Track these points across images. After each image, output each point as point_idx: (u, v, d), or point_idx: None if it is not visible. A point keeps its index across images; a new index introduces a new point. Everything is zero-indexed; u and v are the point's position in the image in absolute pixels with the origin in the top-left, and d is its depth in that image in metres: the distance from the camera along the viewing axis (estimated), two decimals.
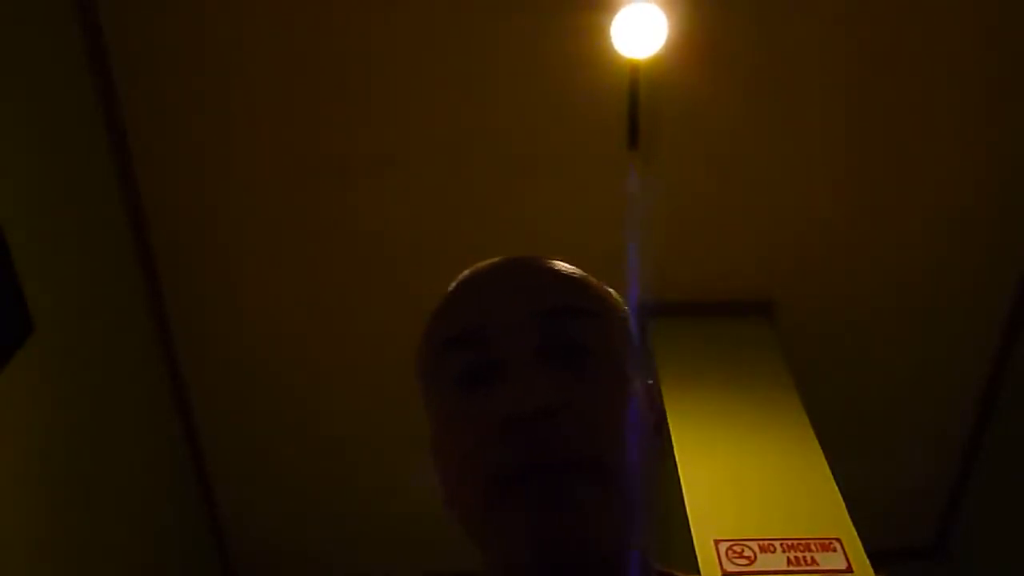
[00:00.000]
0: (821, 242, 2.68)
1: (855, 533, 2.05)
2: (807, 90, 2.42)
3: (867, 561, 1.98)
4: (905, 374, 2.93)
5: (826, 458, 2.26)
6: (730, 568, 1.98)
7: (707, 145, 2.48)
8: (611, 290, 0.75)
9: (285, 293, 2.70)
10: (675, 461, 2.26)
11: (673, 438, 2.31)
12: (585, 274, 0.73)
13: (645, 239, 2.38)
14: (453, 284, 0.73)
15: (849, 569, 1.97)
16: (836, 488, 2.17)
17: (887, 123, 2.48)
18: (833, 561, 1.99)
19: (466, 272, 0.73)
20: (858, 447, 2.80)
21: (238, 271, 2.66)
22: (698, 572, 1.94)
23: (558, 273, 0.71)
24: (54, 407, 2.17)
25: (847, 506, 2.12)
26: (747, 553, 2.01)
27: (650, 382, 0.75)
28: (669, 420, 2.36)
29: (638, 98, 2.29)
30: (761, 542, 2.04)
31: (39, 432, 2.10)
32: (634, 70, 2.26)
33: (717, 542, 2.03)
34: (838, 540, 2.04)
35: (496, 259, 0.72)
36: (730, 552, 2.01)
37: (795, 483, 2.22)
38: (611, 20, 2.16)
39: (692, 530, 2.06)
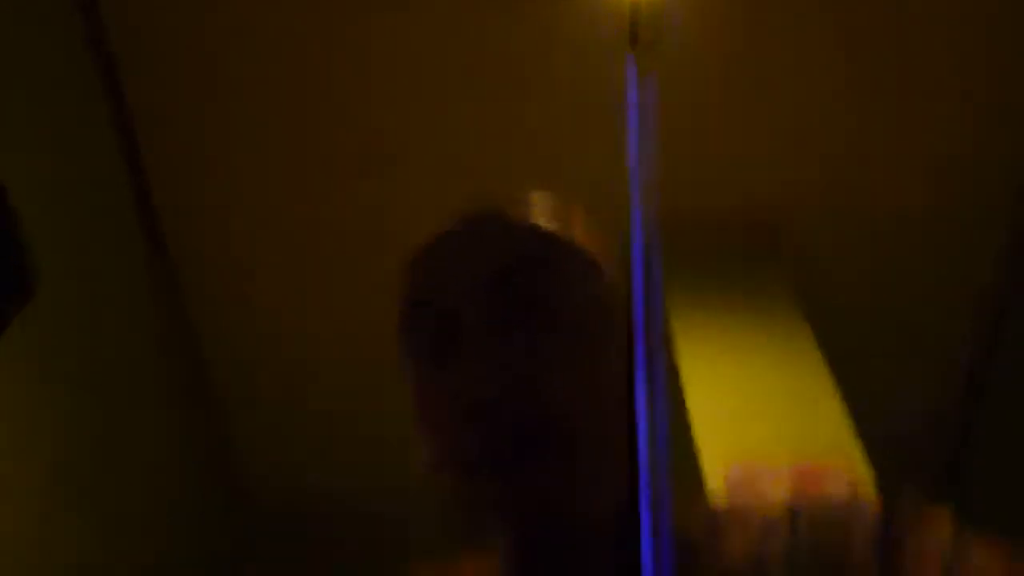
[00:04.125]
0: (828, 162, 2.65)
1: (862, 457, 2.05)
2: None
3: (872, 484, 1.98)
4: (912, 296, 2.91)
5: (833, 380, 2.25)
6: (736, 490, 1.98)
7: (711, 57, 2.42)
8: (572, 231, 0.73)
9: (287, 225, 2.69)
10: (681, 384, 2.26)
11: (680, 361, 2.30)
12: (546, 221, 0.72)
13: (649, 154, 2.34)
14: (414, 251, 0.72)
15: (854, 492, 1.97)
16: (844, 412, 2.17)
17: (893, 42, 2.44)
18: (838, 484, 1.99)
19: (426, 237, 0.72)
20: (865, 370, 2.80)
21: (241, 207, 2.67)
22: (703, 496, 1.94)
23: (514, 226, 0.70)
24: (56, 369, 2.17)
25: (855, 431, 2.11)
26: (754, 475, 2.01)
27: (621, 321, 0.73)
28: (675, 342, 2.35)
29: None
30: (768, 465, 2.04)
31: (42, 395, 2.11)
32: None
33: (724, 465, 2.04)
34: (844, 464, 2.04)
35: (454, 220, 0.71)
36: (736, 475, 2.01)
37: (803, 408, 2.22)
38: None
39: (699, 453, 2.07)
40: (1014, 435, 3.07)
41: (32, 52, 2.04)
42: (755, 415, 2.20)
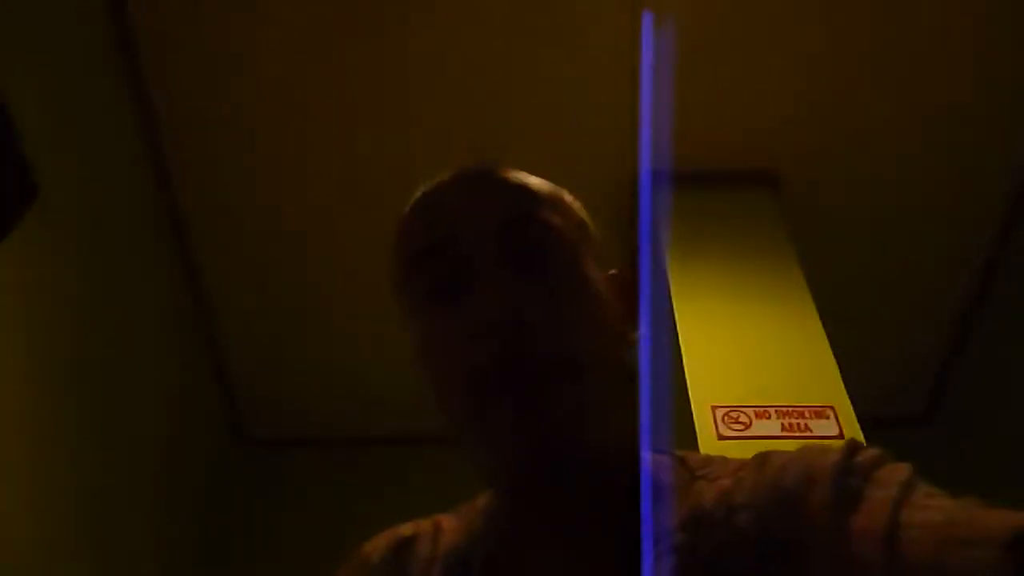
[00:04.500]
0: (827, 114, 2.64)
1: (848, 401, 2.10)
2: None
3: (858, 428, 2.04)
4: (904, 248, 2.94)
5: (824, 328, 2.29)
6: (726, 433, 2.04)
7: (712, 7, 2.42)
8: (562, 192, 0.77)
9: (292, 153, 2.68)
10: (676, 329, 2.29)
11: (675, 307, 2.33)
12: (538, 180, 0.75)
13: (653, 106, 2.35)
14: (414, 198, 0.74)
15: (841, 435, 2.03)
16: (832, 357, 2.22)
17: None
18: (826, 428, 2.05)
19: (426, 186, 0.74)
20: (856, 318, 2.84)
21: (242, 125, 2.63)
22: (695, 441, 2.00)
23: (512, 182, 0.73)
24: (60, 271, 2.19)
25: (842, 375, 2.17)
26: (743, 419, 2.07)
27: (614, 272, 0.77)
28: (672, 289, 2.38)
29: None
30: (757, 409, 2.09)
31: (46, 297, 2.13)
32: None
33: (714, 408, 2.09)
34: (831, 408, 2.09)
35: (453, 172, 0.74)
36: (726, 418, 2.07)
37: (792, 352, 2.26)
38: None
39: (690, 396, 2.11)
40: (990, 387, 3.13)
41: None
42: (746, 361, 2.24)
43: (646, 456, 0.73)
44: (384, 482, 3.14)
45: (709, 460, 0.74)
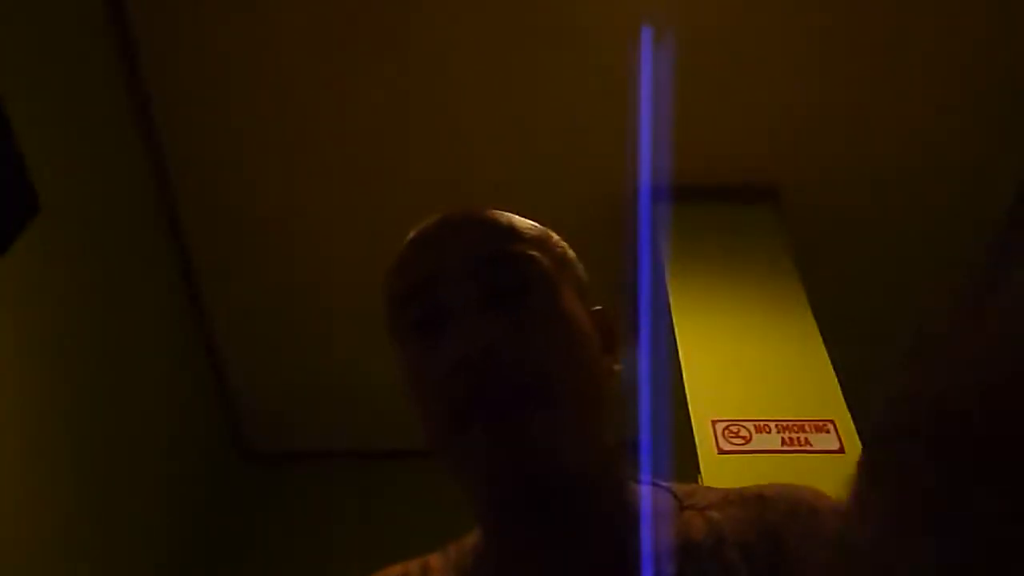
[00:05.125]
0: (827, 128, 2.65)
1: (848, 415, 2.10)
2: None
3: (859, 442, 2.04)
4: (904, 261, 2.94)
5: (824, 342, 2.29)
6: (726, 447, 2.04)
7: (711, 22, 2.43)
8: (547, 231, 0.81)
9: (290, 159, 2.69)
10: (676, 343, 2.29)
11: (674, 321, 2.33)
12: (520, 220, 0.79)
13: (652, 120, 2.36)
14: (403, 244, 0.79)
15: (841, 449, 2.02)
16: (832, 371, 2.22)
17: (892, 13, 2.43)
18: (826, 442, 2.05)
19: (412, 232, 0.79)
20: (856, 332, 2.84)
21: (244, 138, 2.64)
22: (694, 454, 2.00)
23: (490, 222, 0.77)
24: (61, 284, 2.19)
25: (842, 389, 2.16)
26: (743, 433, 2.06)
27: (598, 308, 0.81)
28: (672, 303, 2.38)
29: None
30: (757, 423, 2.09)
31: (46, 311, 2.13)
32: None
33: (714, 422, 2.09)
34: (832, 422, 2.09)
35: (437, 216, 0.79)
36: (727, 432, 2.06)
37: (793, 366, 2.26)
38: None
39: (690, 410, 2.11)
40: None
41: None
42: (746, 375, 2.24)
43: (646, 486, 0.76)
44: (384, 496, 3.14)
45: (694, 490, 0.77)
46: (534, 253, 0.75)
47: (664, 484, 0.77)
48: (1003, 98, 2.61)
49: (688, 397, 2.14)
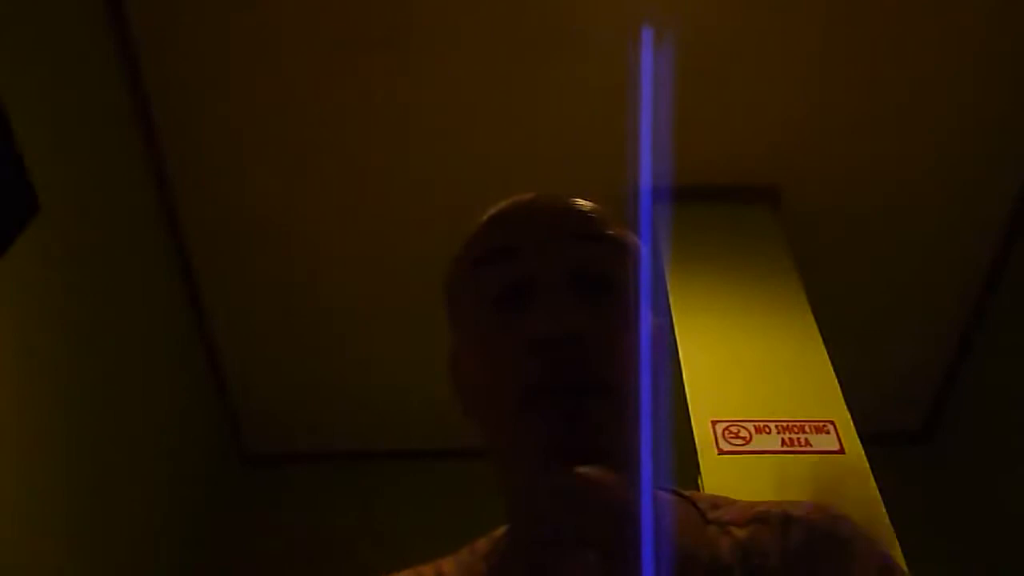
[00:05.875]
0: (827, 128, 2.65)
1: (848, 416, 2.10)
2: None
3: (859, 443, 2.04)
4: (904, 263, 2.94)
5: (824, 343, 2.29)
6: (726, 448, 2.04)
7: (712, 23, 2.43)
8: (629, 230, 0.79)
9: (290, 161, 2.69)
10: (676, 343, 2.29)
11: (675, 322, 2.33)
12: (610, 214, 0.77)
13: (652, 120, 2.36)
14: (491, 211, 0.76)
15: (841, 450, 2.02)
16: (832, 372, 2.22)
17: (894, 9, 2.43)
18: (826, 443, 2.05)
19: (502, 202, 0.76)
20: (856, 333, 2.84)
21: (243, 139, 2.64)
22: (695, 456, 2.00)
23: (586, 207, 0.75)
24: (59, 286, 2.18)
25: (842, 390, 2.16)
26: (743, 434, 2.06)
27: (660, 320, 0.79)
28: (672, 304, 2.38)
29: None
30: (757, 423, 2.09)
31: (45, 312, 2.13)
32: None
33: (714, 423, 2.09)
34: (832, 422, 2.09)
35: (532, 194, 0.76)
36: (726, 432, 2.06)
37: (793, 367, 2.26)
38: None
39: (690, 411, 2.11)
40: (990, 403, 3.13)
41: None
42: (746, 375, 2.24)
43: (668, 495, 0.74)
44: (384, 497, 3.14)
45: (716, 502, 0.74)
46: (624, 246, 0.74)
47: (685, 494, 0.75)
48: (1003, 98, 2.61)
49: (688, 397, 2.14)
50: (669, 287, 2.42)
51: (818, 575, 0.65)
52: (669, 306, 2.38)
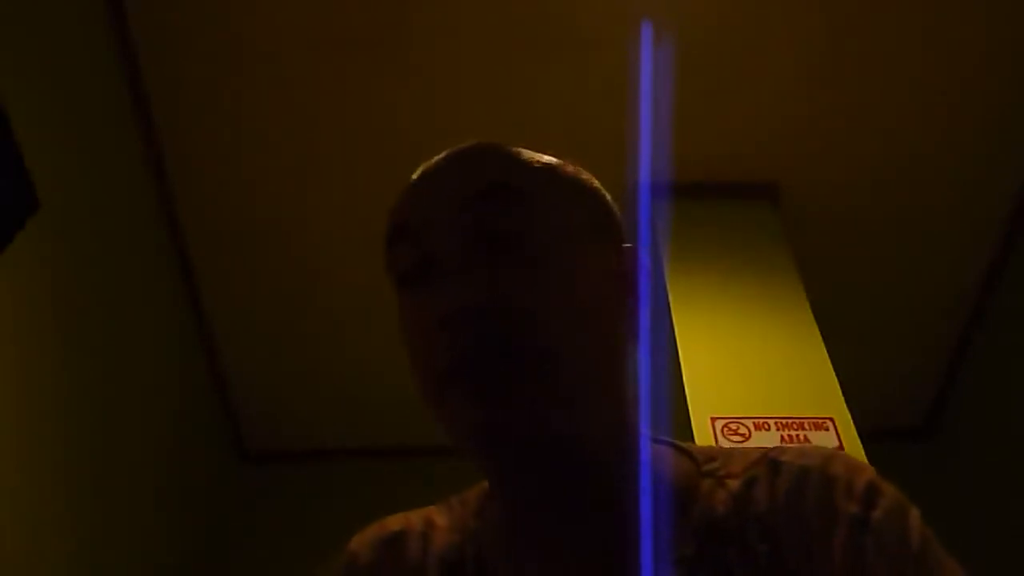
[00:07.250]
0: (827, 125, 2.65)
1: (848, 413, 2.11)
2: None
3: (858, 440, 2.04)
4: (904, 260, 2.94)
5: (824, 341, 2.29)
6: (725, 445, 2.04)
7: (711, 21, 2.44)
8: (562, 162, 0.72)
9: (289, 160, 2.69)
10: (675, 340, 2.29)
11: (674, 318, 2.34)
12: (534, 154, 0.70)
13: (652, 118, 2.36)
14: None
15: (840, 447, 2.03)
16: (831, 369, 2.22)
17: (895, 6, 2.43)
18: (825, 440, 2.05)
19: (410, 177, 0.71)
20: (855, 330, 2.84)
21: (243, 139, 2.64)
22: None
23: (489, 152, 0.68)
24: (59, 284, 2.19)
25: (841, 387, 2.17)
26: (742, 430, 2.07)
27: (625, 245, 0.71)
28: (671, 301, 2.38)
29: None
30: (756, 420, 2.09)
31: (44, 310, 2.13)
32: None
33: (713, 419, 2.09)
34: (831, 420, 2.09)
35: (444, 152, 0.70)
36: (725, 429, 2.07)
37: (792, 364, 2.27)
38: None
39: (689, 407, 2.12)
40: (990, 400, 3.13)
41: None
42: (745, 372, 2.24)
43: (663, 447, 0.71)
44: (384, 494, 3.13)
45: (713, 453, 0.71)
46: (532, 188, 0.66)
47: (682, 446, 0.72)
48: (1003, 98, 2.61)
49: (687, 394, 2.15)
50: (668, 284, 2.42)
51: (805, 515, 0.63)
52: (668, 303, 2.38)
